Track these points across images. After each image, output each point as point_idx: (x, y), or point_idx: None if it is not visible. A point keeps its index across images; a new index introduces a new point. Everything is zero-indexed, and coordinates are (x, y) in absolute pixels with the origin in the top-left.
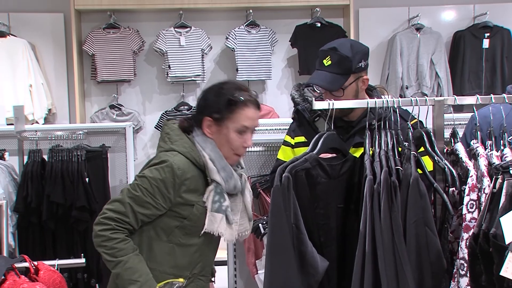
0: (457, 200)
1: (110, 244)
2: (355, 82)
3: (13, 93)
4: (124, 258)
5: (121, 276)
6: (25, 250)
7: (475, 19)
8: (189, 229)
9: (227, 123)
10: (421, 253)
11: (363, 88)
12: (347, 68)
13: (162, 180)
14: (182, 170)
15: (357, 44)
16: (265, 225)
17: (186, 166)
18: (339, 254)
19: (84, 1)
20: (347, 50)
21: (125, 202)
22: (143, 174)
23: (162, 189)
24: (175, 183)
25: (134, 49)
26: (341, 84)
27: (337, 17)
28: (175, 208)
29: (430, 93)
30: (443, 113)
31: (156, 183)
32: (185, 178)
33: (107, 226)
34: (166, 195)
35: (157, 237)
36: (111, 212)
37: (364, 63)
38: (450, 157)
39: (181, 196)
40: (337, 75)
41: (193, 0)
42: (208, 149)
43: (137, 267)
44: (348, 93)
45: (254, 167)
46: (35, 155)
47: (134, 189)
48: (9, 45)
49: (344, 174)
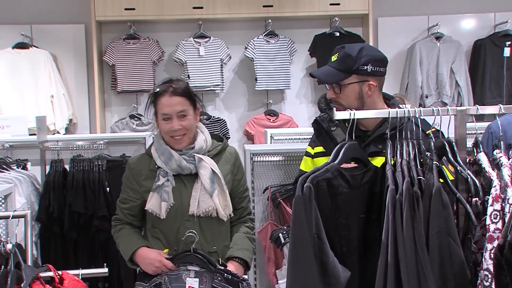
0: (480, 210)
1: (114, 236)
2: (358, 84)
3: (35, 103)
4: (120, 238)
5: (122, 252)
6: (47, 259)
7: (495, 27)
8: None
9: (158, 115)
10: (445, 264)
11: (369, 94)
12: (347, 66)
13: (125, 177)
14: (135, 163)
15: (369, 49)
16: (285, 235)
17: (140, 160)
18: (361, 264)
19: (104, 12)
20: (354, 50)
21: (116, 205)
22: None
23: (128, 183)
24: (133, 175)
25: (153, 59)
26: (337, 79)
27: (356, 26)
28: (144, 197)
29: (450, 102)
30: (465, 123)
31: (124, 180)
32: (139, 169)
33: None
34: (132, 187)
35: (148, 226)
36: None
37: (371, 68)
38: (472, 167)
39: (142, 184)
40: (337, 71)
41: (212, 10)
42: (155, 141)
43: (125, 239)
44: (349, 94)
45: (273, 177)
46: (57, 165)
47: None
48: (31, 57)
49: (366, 184)
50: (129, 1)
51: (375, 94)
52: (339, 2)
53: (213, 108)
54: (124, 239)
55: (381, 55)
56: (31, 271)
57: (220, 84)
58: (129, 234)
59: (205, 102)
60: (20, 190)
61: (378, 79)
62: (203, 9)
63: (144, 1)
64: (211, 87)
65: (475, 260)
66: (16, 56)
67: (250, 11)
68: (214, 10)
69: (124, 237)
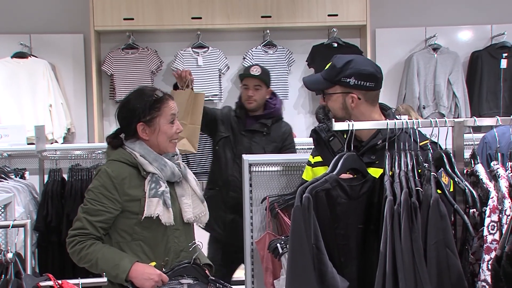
0: (477, 221)
1: (82, 253)
2: (341, 95)
3: (33, 112)
4: (99, 255)
5: (104, 270)
6: (45, 268)
7: (492, 39)
8: (148, 222)
9: (157, 120)
10: (442, 275)
11: (352, 106)
12: (331, 76)
13: (102, 186)
14: (117, 171)
15: (359, 62)
16: (283, 245)
17: (120, 168)
18: (359, 274)
19: (103, 22)
20: (340, 62)
21: (80, 218)
22: (88, 188)
23: (105, 192)
24: (114, 183)
25: (152, 69)
26: (320, 88)
27: (354, 37)
28: (126, 208)
29: (447, 113)
30: (463, 135)
31: (99, 190)
32: (122, 177)
33: (72, 242)
34: (111, 197)
35: (123, 240)
36: (72, 231)
37: (355, 81)
38: (470, 178)
39: (126, 193)
40: (323, 79)
41: (210, 20)
42: (137, 148)
43: (112, 255)
44: (334, 103)
45: (271, 187)
46: (55, 174)
47: (84, 204)
48: (30, 66)
49: (364, 194)
50: (128, 11)
51: (361, 107)
52: (337, 13)
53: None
54: (107, 256)
55: (368, 70)
56: (31, 280)
57: (218, 94)
58: (110, 249)
59: None
60: (19, 199)
61: (363, 93)
62: (201, 19)
63: (143, 11)
64: (209, 97)
65: (473, 271)
66: (15, 66)
67: (248, 21)
68: (212, 21)
69: (105, 253)
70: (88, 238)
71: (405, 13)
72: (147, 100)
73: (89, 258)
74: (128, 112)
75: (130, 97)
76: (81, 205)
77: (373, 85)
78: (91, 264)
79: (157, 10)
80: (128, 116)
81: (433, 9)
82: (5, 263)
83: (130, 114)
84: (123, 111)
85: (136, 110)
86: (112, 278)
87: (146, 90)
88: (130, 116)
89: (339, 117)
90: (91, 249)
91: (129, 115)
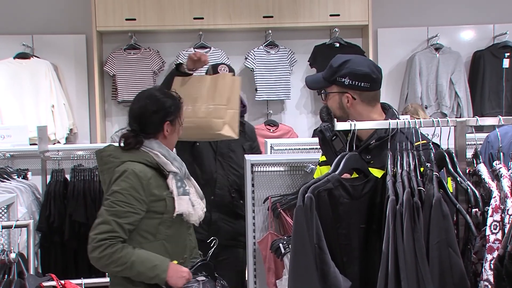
0: (480, 221)
1: (114, 257)
2: (338, 95)
3: (35, 113)
4: (133, 257)
5: (140, 272)
6: (47, 269)
7: (494, 38)
8: (170, 221)
9: (178, 120)
10: (445, 274)
11: (348, 106)
12: (328, 75)
13: (131, 187)
14: (143, 172)
15: (355, 63)
16: (285, 245)
17: (143, 168)
18: (362, 274)
19: (105, 22)
20: (338, 61)
21: (108, 221)
22: (113, 190)
23: (135, 193)
24: (143, 184)
25: (154, 70)
26: (318, 87)
27: (356, 37)
28: (151, 208)
29: (449, 112)
30: (465, 134)
31: (128, 192)
32: (148, 177)
33: (103, 246)
34: (140, 198)
35: (146, 240)
36: (100, 235)
37: (349, 81)
38: (472, 178)
39: (152, 193)
40: (322, 79)
41: (212, 21)
42: (156, 148)
43: (147, 256)
44: (332, 102)
45: (274, 187)
46: (57, 175)
47: (111, 206)
48: (32, 66)
49: (366, 194)
50: (130, 12)
51: (358, 106)
52: (339, 13)
53: None
54: (142, 258)
55: (363, 70)
56: (34, 280)
57: None
58: (142, 251)
59: None
60: (21, 199)
61: (359, 93)
62: (203, 20)
63: (145, 12)
64: None
65: (475, 271)
66: (17, 66)
67: (250, 21)
68: (214, 21)
69: (139, 255)
70: (118, 241)
71: (407, 13)
72: (175, 99)
73: (122, 261)
74: (160, 109)
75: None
76: (103, 208)
77: (368, 85)
78: (124, 268)
79: (159, 11)
80: (160, 114)
81: (435, 9)
82: (8, 263)
83: (162, 111)
84: (153, 108)
85: (167, 108)
86: (148, 280)
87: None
88: (162, 113)
89: (337, 116)
90: (123, 252)
91: (161, 113)
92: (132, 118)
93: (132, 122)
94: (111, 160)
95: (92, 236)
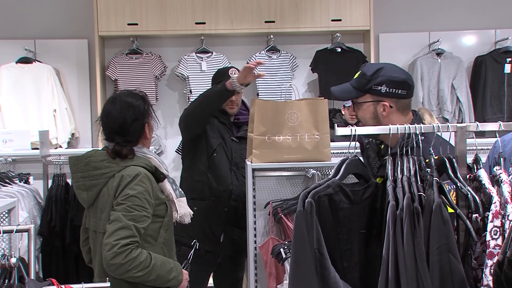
0: (480, 226)
1: (137, 262)
2: (372, 104)
3: (37, 117)
4: (153, 261)
5: (160, 275)
6: (48, 273)
7: (496, 44)
8: (169, 225)
9: (150, 118)
10: (445, 280)
11: (383, 115)
12: (362, 84)
13: (146, 191)
14: (151, 176)
15: (389, 70)
16: (286, 250)
17: (148, 173)
18: (362, 279)
19: (108, 27)
20: (371, 69)
21: (128, 225)
22: (128, 194)
23: (148, 198)
24: (153, 188)
25: (156, 74)
26: (350, 97)
27: (358, 42)
28: (155, 212)
29: (451, 118)
30: (465, 140)
31: (144, 196)
32: (153, 180)
33: (126, 251)
34: (151, 201)
35: (149, 244)
36: (122, 241)
37: (386, 89)
38: (473, 183)
39: (157, 196)
40: (353, 88)
41: (214, 26)
42: (148, 152)
43: (163, 259)
44: (364, 112)
45: (275, 192)
46: (59, 179)
47: (129, 211)
48: (34, 71)
49: (367, 199)
50: (132, 17)
51: (393, 115)
52: (340, 18)
53: None
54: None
55: (400, 77)
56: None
57: None
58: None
59: None
60: (23, 204)
61: (395, 101)
62: (205, 25)
63: (147, 17)
64: None
65: (476, 276)
66: (19, 71)
67: (252, 26)
68: (216, 26)
69: (157, 259)
70: (137, 245)
71: (409, 18)
72: (144, 99)
73: (144, 265)
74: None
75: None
76: (119, 213)
77: (405, 92)
78: (146, 272)
79: (161, 15)
80: (140, 119)
81: (436, 14)
82: (8, 268)
83: (139, 115)
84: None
85: (143, 110)
86: (164, 283)
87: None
88: (141, 118)
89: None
90: (143, 256)
91: (140, 118)
92: (111, 131)
93: (113, 135)
94: (106, 165)
95: (112, 243)
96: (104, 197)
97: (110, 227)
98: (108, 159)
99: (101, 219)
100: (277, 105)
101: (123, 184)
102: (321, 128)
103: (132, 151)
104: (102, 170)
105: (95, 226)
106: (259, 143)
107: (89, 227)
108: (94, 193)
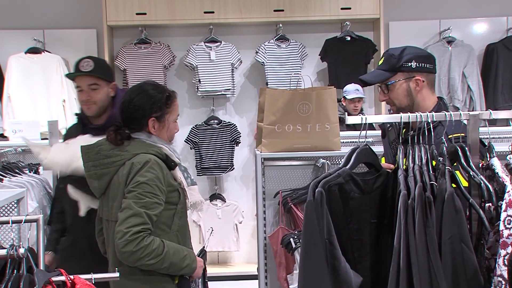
0: (493, 216)
1: (149, 249)
2: (405, 81)
3: (46, 107)
4: (166, 248)
5: (173, 263)
6: None
7: (508, 31)
8: (182, 212)
9: (167, 116)
10: (457, 270)
11: (417, 90)
12: (392, 64)
13: (157, 177)
14: (162, 163)
15: (413, 48)
16: (296, 240)
17: (159, 160)
18: (373, 269)
19: (116, 17)
20: (397, 50)
21: (140, 213)
22: (138, 181)
23: (159, 184)
24: (164, 174)
25: (165, 64)
26: (383, 79)
27: (367, 31)
28: (168, 198)
29: (462, 106)
30: (478, 128)
31: (154, 182)
32: (164, 167)
33: (138, 239)
34: (162, 188)
35: (163, 232)
36: (134, 228)
37: (416, 64)
38: (485, 172)
39: (169, 183)
40: (383, 71)
41: (223, 14)
42: (159, 141)
43: (176, 246)
44: (397, 92)
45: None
46: None
47: (139, 198)
48: (43, 61)
49: (378, 189)
50: (141, 6)
51: (424, 91)
52: (350, 7)
53: (223, 112)
54: (173, 249)
55: (425, 52)
56: (43, 276)
57: (231, 89)
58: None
59: (216, 106)
60: (32, 194)
61: (425, 75)
62: (214, 14)
63: (155, 6)
64: (222, 91)
65: (488, 266)
66: (28, 61)
67: (261, 15)
68: (225, 15)
69: (170, 246)
70: (150, 233)
71: (419, 6)
72: (161, 95)
73: (157, 253)
74: (138, 106)
75: (136, 92)
76: (130, 200)
77: (432, 67)
78: (159, 259)
79: (170, 5)
80: (142, 110)
81: (447, 2)
82: (17, 258)
83: (144, 107)
84: (132, 106)
85: (151, 104)
86: (177, 271)
87: (152, 86)
88: (144, 110)
89: (403, 107)
90: (156, 244)
91: (139, 109)
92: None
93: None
94: (116, 153)
95: (124, 230)
96: (115, 185)
97: (121, 215)
98: (118, 147)
99: (113, 207)
100: (287, 95)
101: (134, 172)
102: (331, 117)
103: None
104: (113, 158)
105: (107, 215)
106: (269, 132)
107: (103, 216)
108: (105, 181)
